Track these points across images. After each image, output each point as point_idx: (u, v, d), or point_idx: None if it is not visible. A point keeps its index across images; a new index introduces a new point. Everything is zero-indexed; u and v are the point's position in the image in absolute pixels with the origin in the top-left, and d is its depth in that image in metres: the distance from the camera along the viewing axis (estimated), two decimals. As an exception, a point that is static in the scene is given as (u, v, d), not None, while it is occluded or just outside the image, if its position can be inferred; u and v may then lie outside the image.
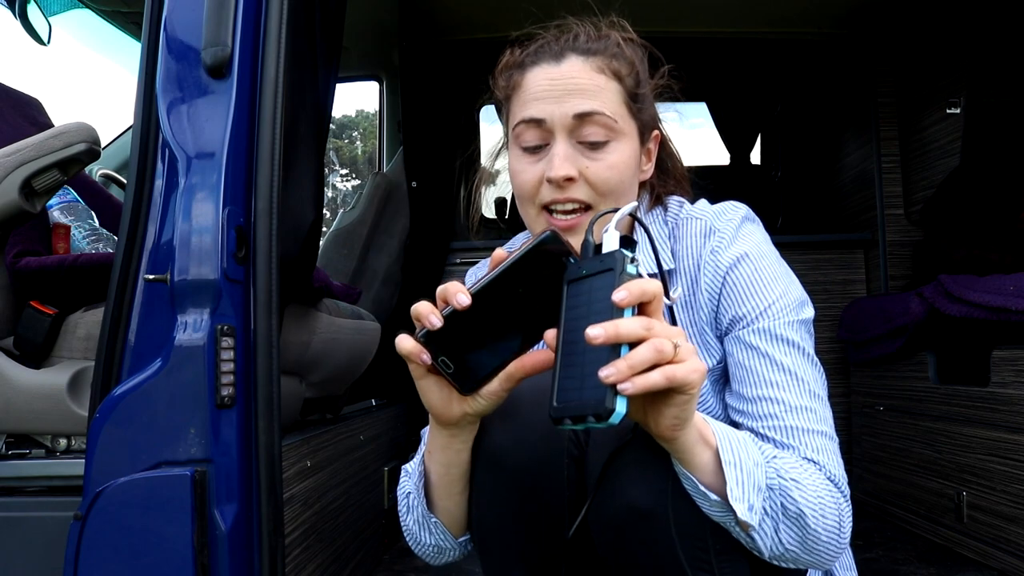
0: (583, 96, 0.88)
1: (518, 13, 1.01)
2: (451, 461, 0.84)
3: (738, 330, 0.89)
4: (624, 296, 0.62)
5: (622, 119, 0.90)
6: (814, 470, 0.80)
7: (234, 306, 0.98)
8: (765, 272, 0.89)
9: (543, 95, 0.89)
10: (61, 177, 1.22)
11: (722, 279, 0.90)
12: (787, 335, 0.86)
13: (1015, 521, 1.69)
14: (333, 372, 1.67)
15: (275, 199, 1.00)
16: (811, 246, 2.70)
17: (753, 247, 0.91)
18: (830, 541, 0.77)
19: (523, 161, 0.91)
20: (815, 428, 0.82)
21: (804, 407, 0.83)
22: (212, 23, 1.00)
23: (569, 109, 0.87)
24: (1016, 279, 1.71)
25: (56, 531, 1.01)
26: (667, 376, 0.62)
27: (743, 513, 0.72)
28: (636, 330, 0.62)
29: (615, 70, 0.91)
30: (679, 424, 0.68)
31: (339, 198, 20.96)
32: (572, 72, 0.89)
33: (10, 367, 1.22)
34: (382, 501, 1.97)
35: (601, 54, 0.91)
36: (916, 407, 2.13)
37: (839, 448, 0.85)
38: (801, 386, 0.84)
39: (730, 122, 3.40)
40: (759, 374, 0.85)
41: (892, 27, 2.67)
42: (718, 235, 0.92)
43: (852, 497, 0.83)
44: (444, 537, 0.90)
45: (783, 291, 0.88)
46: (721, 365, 0.92)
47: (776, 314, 0.87)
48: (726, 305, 0.90)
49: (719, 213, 0.95)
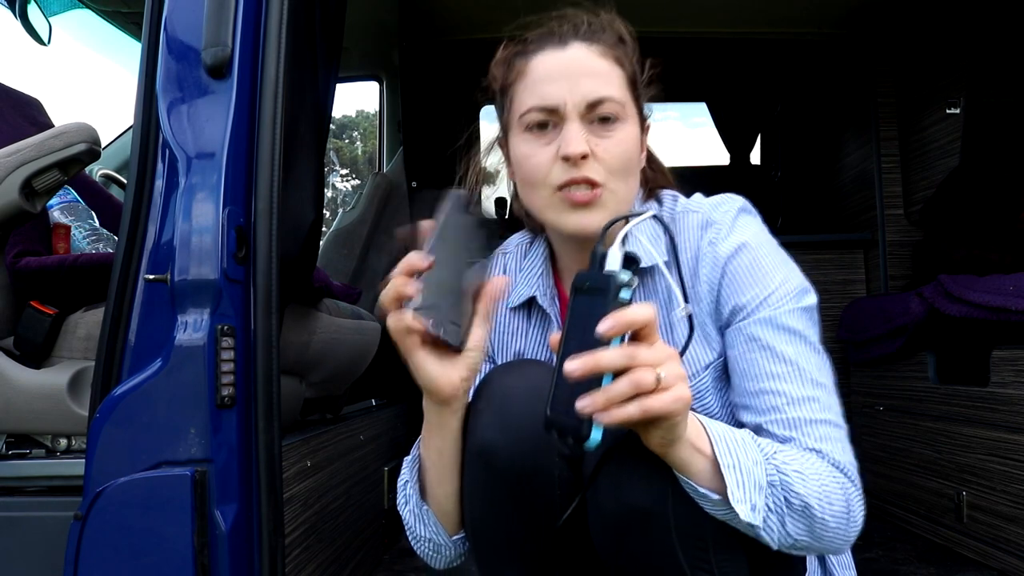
0: (593, 79, 0.89)
1: (518, 13, 1.01)
2: (444, 445, 0.86)
3: (739, 321, 0.88)
4: (608, 328, 0.64)
5: (628, 104, 0.91)
6: (816, 459, 0.79)
7: (234, 306, 0.98)
8: (764, 261, 0.89)
9: (553, 79, 0.90)
10: (61, 177, 1.22)
11: (721, 270, 0.90)
12: (789, 323, 0.86)
13: (1015, 521, 1.69)
14: (333, 372, 1.67)
15: (275, 199, 1.00)
16: (811, 246, 2.70)
17: (751, 237, 0.91)
18: (839, 527, 0.77)
19: (533, 145, 0.91)
20: (819, 417, 0.82)
21: (807, 397, 0.82)
22: (212, 23, 1.00)
23: (583, 95, 0.88)
24: (1016, 279, 1.71)
25: (56, 531, 1.01)
26: (643, 409, 0.63)
27: (746, 514, 0.72)
28: (616, 361, 0.63)
29: (617, 56, 0.92)
30: (667, 444, 0.70)
31: (339, 198, 20.96)
32: (579, 56, 0.90)
33: (10, 367, 1.22)
34: (382, 501, 1.97)
35: (603, 41, 0.92)
36: (916, 407, 2.13)
37: (847, 435, 0.84)
38: (803, 376, 0.83)
39: (730, 122, 3.40)
40: (760, 367, 0.85)
41: (892, 27, 2.67)
42: (715, 227, 0.92)
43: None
44: (437, 531, 0.91)
45: (783, 279, 0.88)
46: (721, 359, 0.92)
47: (777, 302, 0.86)
48: (726, 295, 0.89)
49: (716, 205, 0.95)
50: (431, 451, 0.88)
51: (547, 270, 1.02)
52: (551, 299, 1.01)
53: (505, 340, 1.05)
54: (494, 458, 0.84)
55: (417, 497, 0.91)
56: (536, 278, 1.02)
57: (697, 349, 0.90)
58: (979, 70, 2.35)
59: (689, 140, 3.03)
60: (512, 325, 1.04)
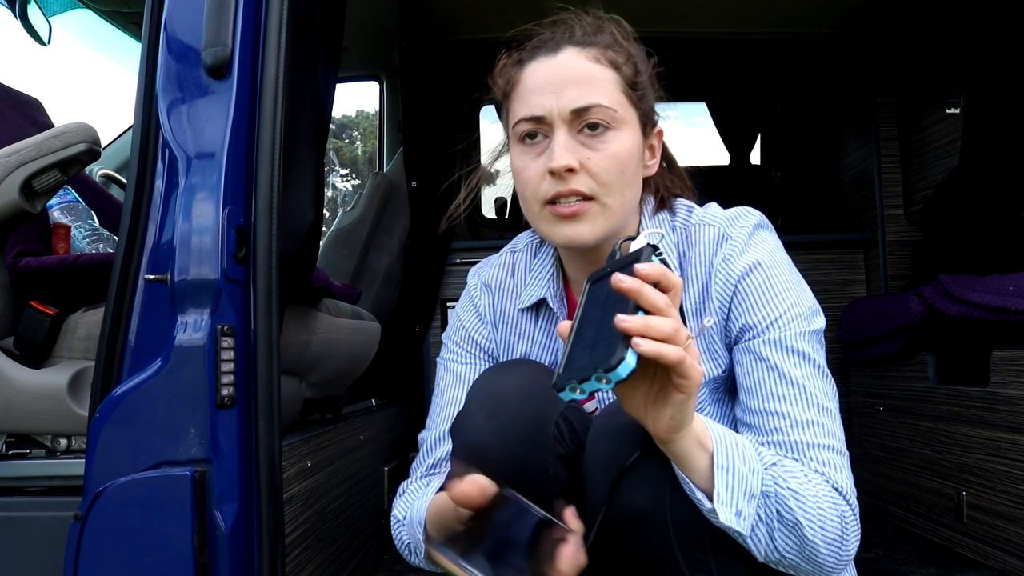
0: (580, 87, 0.87)
1: (518, 13, 1.01)
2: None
3: (747, 340, 0.87)
4: (646, 268, 0.63)
5: (622, 108, 0.89)
6: (818, 480, 0.79)
7: (234, 306, 0.98)
8: (777, 281, 0.88)
9: (542, 89, 0.89)
10: (61, 177, 1.22)
11: (733, 288, 0.89)
12: (798, 346, 0.85)
13: (1015, 521, 1.69)
14: (333, 372, 1.67)
15: (275, 199, 1.00)
16: (811, 246, 2.70)
17: (766, 255, 0.90)
18: (830, 553, 0.76)
19: (525, 157, 0.91)
20: (822, 442, 0.81)
21: (811, 421, 0.82)
22: (212, 23, 1.00)
23: (567, 103, 0.87)
24: (1016, 279, 1.71)
25: (56, 531, 1.01)
26: (679, 355, 0.62)
27: (728, 518, 0.72)
28: (659, 300, 0.63)
29: (612, 59, 0.90)
30: (676, 426, 0.69)
31: (339, 198, 20.95)
32: (569, 63, 0.89)
33: (10, 367, 1.22)
34: (382, 501, 1.97)
35: (597, 45, 0.91)
36: (916, 407, 2.13)
37: (849, 461, 0.83)
38: (809, 399, 0.83)
39: (730, 122, 3.40)
40: (767, 387, 0.84)
41: (892, 27, 2.67)
42: (730, 243, 0.91)
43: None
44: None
45: (795, 301, 0.87)
46: (725, 374, 0.92)
47: (787, 324, 0.86)
48: (736, 314, 0.89)
49: (732, 220, 0.93)
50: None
51: (557, 271, 1.02)
52: (560, 301, 1.00)
53: (511, 341, 1.05)
54: (486, 458, 0.83)
55: (421, 555, 0.93)
56: (547, 279, 1.02)
57: (701, 363, 0.90)
58: (979, 70, 2.35)
59: (689, 140, 3.03)
60: (520, 326, 1.04)
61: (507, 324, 1.04)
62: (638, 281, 0.62)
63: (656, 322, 0.62)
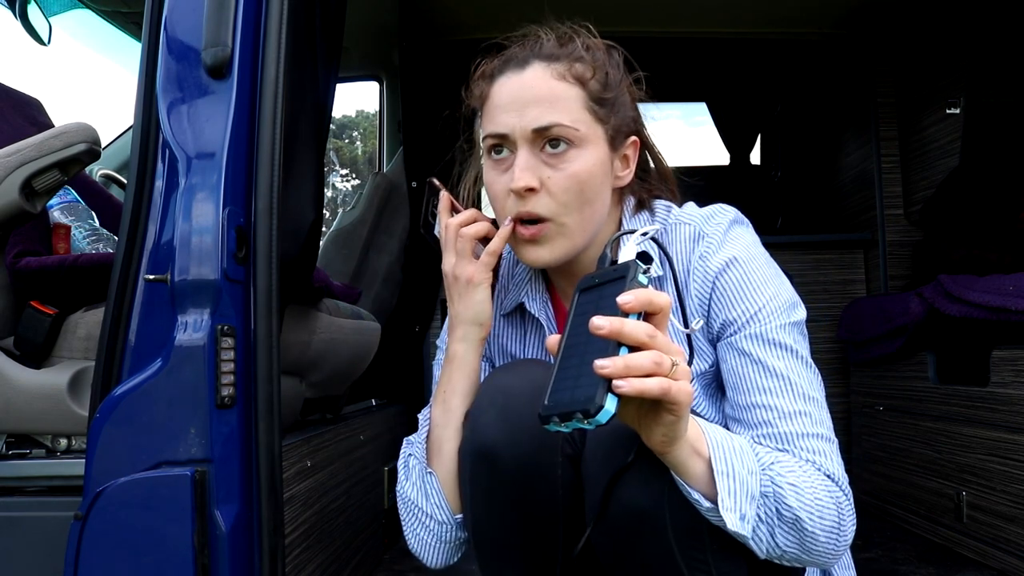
0: (541, 107, 0.87)
1: (518, 13, 1.01)
2: (466, 385, 0.92)
3: (729, 335, 0.88)
4: (629, 300, 0.62)
5: (585, 125, 0.89)
6: (812, 470, 0.79)
7: (234, 306, 0.98)
8: (754, 275, 0.88)
9: (506, 107, 0.90)
10: (61, 177, 1.22)
11: (711, 284, 0.89)
12: (779, 338, 0.85)
13: (1015, 521, 1.69)
14: (333, 372, 1.67)
15: (275, 199, 1.00)
16: (811, 246, 2.70)
17: (742, 250, 0.90)
18: (829, 540, 0.77)
19: (493, 173, 0.93)
20: (811, 431, 0.82)
21: (798, 412, 0.82)
22: (212, 23, 1.00)
23: (529, 122, 0.87)
24: (1016, 279, 1.71)
25: (56, 531, 1.01)
26: (663, 387, 0.61)
27: (734, 523, 0.72)
28: (639, 334, 0.62)
29: (578, 75, 0.90)
30: (668, 441, 0.69)
31: (339, 198, 20.96)
32: (533, 81, 0.89)
33: (10, 367, 1.22)
34: (382, 501, 1.97)
35: (565, 59, 0.90)
36: (916, 407, 2.13)
37: (838, 449, 0.84)
38: (794, 390, 0.83)
39: (730, 122, 3.40)
40: (752, 381, 0.85)
41: (892, 27, 2.67)
42: (706, 240, 0.91)
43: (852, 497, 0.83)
44: (440, 503, 0.91)
45: (773, 294, 0.88)
46: (713, 369, 0.92)
47: (767, 318, 0.86)
48: (716, 310, 0.89)
49: (707, 217, 0.94)
50: (453, 396, 0.91)
51: (535, 275, 1.02)
52: (542, 304, 1.01)
53: (502, 344, 1.05)
54: (496, 458, 0.84)
55: (422, 466, 0.92)
56: (524, 283, 1.02)
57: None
58: (979, 70, 2.35)
59: (689, 140, 3.03)
60: (506, 332, 1.05)
61: (494, 330, 1.05)
62: (617, 322, 0.61)
63: (636, 360, 0.60)
